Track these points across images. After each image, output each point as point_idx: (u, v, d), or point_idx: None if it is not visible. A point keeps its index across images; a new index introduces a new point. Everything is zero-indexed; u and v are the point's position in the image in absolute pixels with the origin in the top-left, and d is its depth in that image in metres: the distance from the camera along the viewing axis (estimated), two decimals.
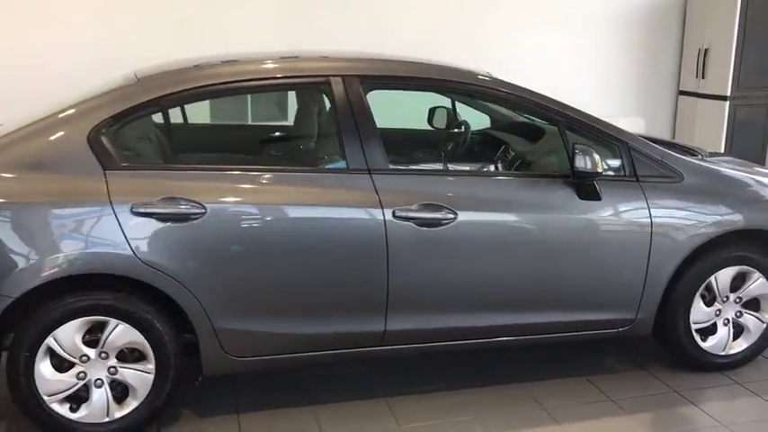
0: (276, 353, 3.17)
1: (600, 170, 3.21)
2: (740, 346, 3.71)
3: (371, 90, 3.30)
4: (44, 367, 2.91)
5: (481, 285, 3.28)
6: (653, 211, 3.38)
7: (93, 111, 2.99)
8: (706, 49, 6.65)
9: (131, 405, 3.05)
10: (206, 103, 4.27)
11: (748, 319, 3.68)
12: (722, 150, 6.62)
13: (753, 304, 3.69)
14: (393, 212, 3.10)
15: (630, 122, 6.92)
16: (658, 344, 3.71)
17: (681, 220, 3.43)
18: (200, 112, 4.13)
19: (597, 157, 3.20)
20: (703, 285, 3.56)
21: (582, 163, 3.18)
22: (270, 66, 3.23)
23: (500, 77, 3.50)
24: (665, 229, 3.40)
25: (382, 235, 3.09)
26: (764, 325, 3.70)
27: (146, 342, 2.99)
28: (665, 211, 3.41)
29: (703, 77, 6.74)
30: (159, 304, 2.99)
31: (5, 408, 3.24)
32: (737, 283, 3.63)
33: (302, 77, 3.25)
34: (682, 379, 3.62)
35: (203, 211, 2.93)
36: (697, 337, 3.63)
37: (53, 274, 2.80)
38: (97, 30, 5.53)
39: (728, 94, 6.49)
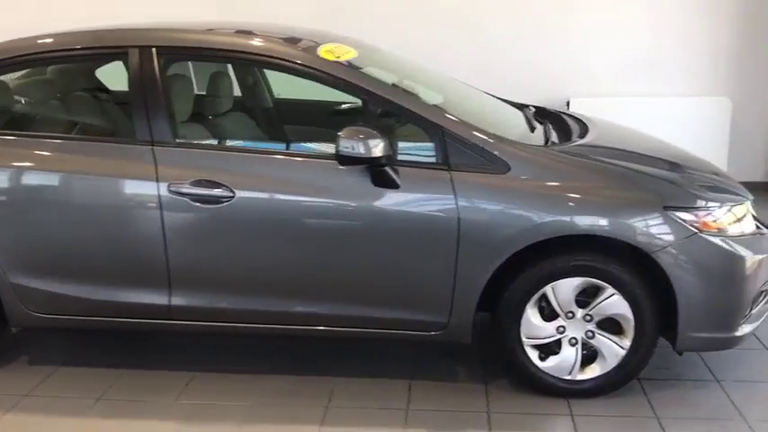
0: (71, 314, 3.30)
1: (377, 156, 2.88)
2: (593, 372, 3.13)
3: (172, 62, 3.27)
4: None
5: (263, 269, 3.14)
6: (461, 206, 2.96)
7: None
8: None
9: None
10: None
11: (601, 341, 3.09)
12: None
13: (614, 326, 3.09)
14: (168, 187, 3.07)
15: (715, 103, 5.99)
16: None
17: (496, 217, 2.96)
18: None
19: (373, 141, 2.87)
20: (537, 296, 3.05)
21: (349, 147, 2.87)
22: (74, 38, 3.32)
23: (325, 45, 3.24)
24: (475, 226, 2.96)
25: (157, 209, 3.09)
26: (624, 352, 3.08)
27: None
28: (478, 207, 2.97)
29: None
30: None
31: None
32: (591, 297, 3.06)
33: (104, 48, 3.30)
34: (514, 401, 3.15)
35: None
36: (532, 355, 3.13)
37: None
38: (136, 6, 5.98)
39: None
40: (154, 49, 3.17)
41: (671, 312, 3.01)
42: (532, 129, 3.49)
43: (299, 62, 3.11)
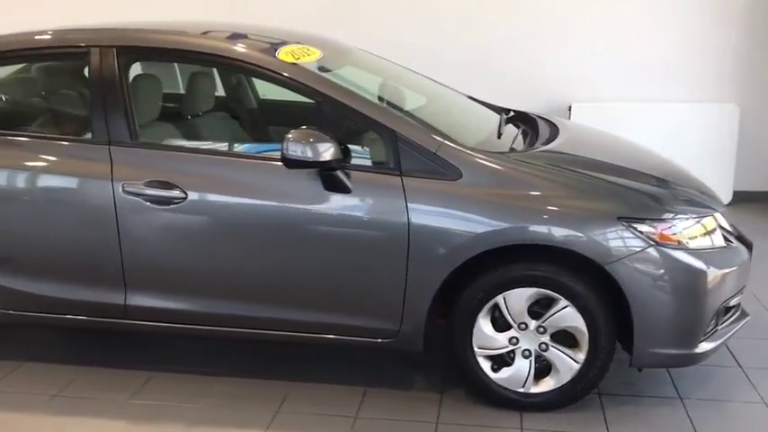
0: (29, 311, 3.33)
1: (325, 160, 2.85)
2: (547, 385, 3.05)
3: (132, 62, 3.28)
4: None
5: (215, 271, 3.13)
6: (412, 212, 2.91)
7: None
8: None
9: None
10: None
11: (555, 354, 3.01)
12: None
13: (569, 338, 3.01)
14: (122, 187, 3.09)
15: (722, 109, 5.84)
16: None
17: (447, 225, 2.91)
18: None
19: (322, 144, 2.83)
20: (489, 305, 2.99)
21: (296, 150, 2.84)
22: (40, 37, 3.34)
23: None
24: (426, 233, 2.92)
25: (112, 208, 3.10)
26: (578, 366, 3.00)
27: None
28: (428, 214, 2.92)
29: None
30: None
31: None
32: (545, 309, 2.99)
33: (68, 48, 3.32)
34: (466, 412, 3.09)
35: None
36: (485, 366, 3.07)
37: None
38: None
39: None
40: (114, 50, 3.18)
41: (628, 327, 2.92)
42: (500, 134, 3.42)
43: (253, 63, 3.11)
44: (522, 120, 3.89)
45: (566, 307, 2.93)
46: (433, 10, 6.17)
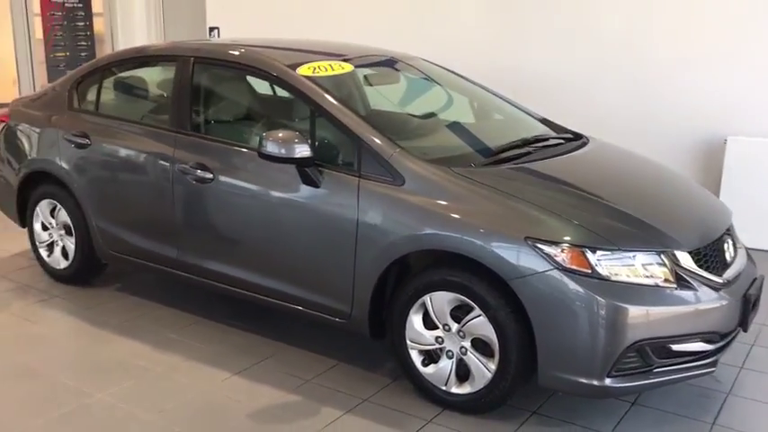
0: (123, 253, 4.37)
1: (301, 157, 3.33)
2: (465, 389, 3.23)
3: (204, 70, 4.09)
4: None
5: (229, 241, 3.84)
6: (361, 210, 3.33)
7: (75, 74, 4.67)
8: None
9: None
10: None
11: (472, 360, 3.18)
12: None
13: (487, 347, 3.16)
14: (177, 166, 3.95)
15: None
16: None
17: (385, 225, 3.27)
18: None
19: (293, 145, 3.32)
20: (418, 303, 3.27)
21: (267, 147, 3.39)
22: (149, 45, 4.34)
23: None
24: (369, 231, 3.31)
25: (170, 182, 3.99)
26: (490, 375, 3.13)
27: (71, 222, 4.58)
28: (373, 213, 3.30)
29: None
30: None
31: None
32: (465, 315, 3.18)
33: (168, 57, 4.28)
34: (399, 398, 3.38)
35: (89, 142, 4.35)
36: (416, 359, 3.34)
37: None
38: None
39: None
40: (191, 59, 4.06)
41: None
42: (498, 152, 3.60)
43: (267, 71, 3.78)
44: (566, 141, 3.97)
45: (479, 316, 3.10)
46: (593, 31, 6.18)
